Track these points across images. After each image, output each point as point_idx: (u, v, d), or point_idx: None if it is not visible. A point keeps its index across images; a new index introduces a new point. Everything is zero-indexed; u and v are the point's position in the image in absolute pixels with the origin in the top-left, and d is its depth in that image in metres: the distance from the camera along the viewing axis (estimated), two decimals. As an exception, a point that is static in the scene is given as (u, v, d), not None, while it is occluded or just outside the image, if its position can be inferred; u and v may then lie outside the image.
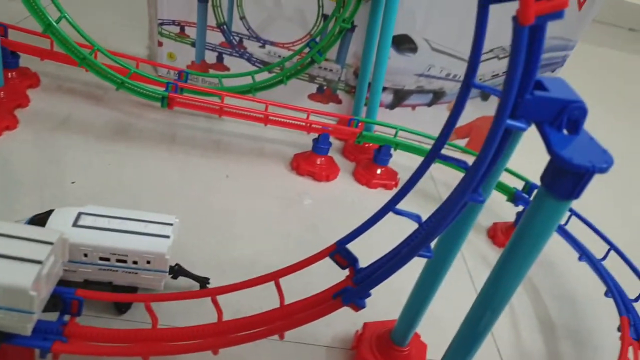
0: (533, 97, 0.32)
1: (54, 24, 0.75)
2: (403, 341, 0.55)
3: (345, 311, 0.45)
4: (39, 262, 0.38)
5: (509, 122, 0.32)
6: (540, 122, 0.33)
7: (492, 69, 0.99)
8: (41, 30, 0.76)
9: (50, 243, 0.40)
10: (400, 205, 0.45)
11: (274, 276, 0.47)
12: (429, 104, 1.07)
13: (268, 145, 0.99)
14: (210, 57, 1.09)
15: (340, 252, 0.45)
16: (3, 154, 0.77)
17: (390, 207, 0.42)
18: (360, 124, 0.93)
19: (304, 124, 0.89)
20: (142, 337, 0.45)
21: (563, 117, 0.32)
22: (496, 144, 0.33)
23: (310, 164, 0.91)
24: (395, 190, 0.94)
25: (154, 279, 0.54)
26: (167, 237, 0.54)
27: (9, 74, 0.89)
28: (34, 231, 0.41)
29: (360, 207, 0.88)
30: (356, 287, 0.42)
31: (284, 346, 0.58)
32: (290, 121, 0.88)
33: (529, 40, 0.29)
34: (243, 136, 0.99)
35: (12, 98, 0.87)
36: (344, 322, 0.62)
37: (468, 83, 0.36)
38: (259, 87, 0.98)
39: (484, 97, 1.03)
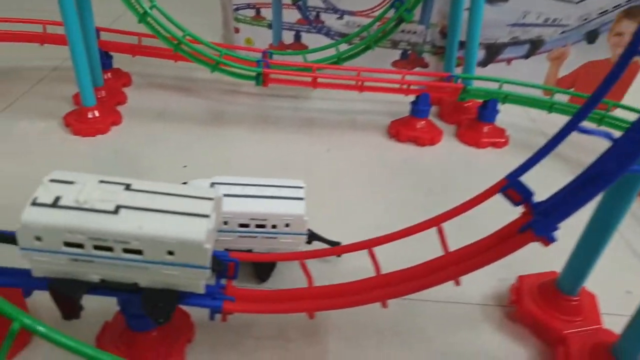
0: None
1: (149, 11, 0.75)
2: (573, 290, 0.49)
3: (488, 269, 0.40)
4: (206, 216, 0.37)
5: None
6: None
7: (599, 5, 0.91)
8: (137, 20, 0.76)
9: (211, 199, 0.38)
10: (515, 161, 0.41)
11: (436, 221, 0.43)
12: (526, 56, 1.00)
13: (359, 117, 0.95)
14: (288, 37, 1.07)
15: (513, 187, 0.40)
16: (114, 147, 0.78)
17: (573, 125, 0.37)
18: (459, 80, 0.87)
19: (401, 85, 0.85)
20: (305, 295, 0.42)
21: None
22: None
23: (410, 128, 0.87)
24: (505, 148, 0.88)
25: (293, 242, 0.52)
26: (302, 199, 0.52)
27: (106, 74, 0.91)
28: (192, 189, 0.39)
29: (473, 168, 0.82)
30: (546, 219, 0.37)
31: (434, 307, 0.54)
32: (387, 85, 0.84)
33: None
34: (332, 111, 0.96)
35: (112, 96, 0.88)
36: (490, 279, 0.58)
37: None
38: (345, 57, 0.94)
39: (590, 38, 0.95)
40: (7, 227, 0.41)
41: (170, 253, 0.36)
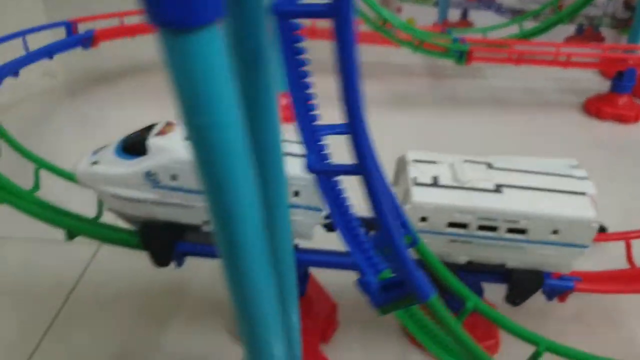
0: None
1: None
2: None
3: None
4: (583, 193, 0.35)
5: None
6: None
7: None
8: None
9: (586, 178, 0.37)
10: None
11: None
12: None
13: (547, 96, 0.91)
14: (453, 15, 1.04)
15: None
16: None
17: None
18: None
19: (601, 60, 0.80)
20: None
21: None
22: None
23: (612, 106, 0.82)
24: None
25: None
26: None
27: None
28: (552, 166, 0.38)
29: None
30: None
31: None
32: (597, 60, 0.79)
33: None
34: (515, 90, 0.93)
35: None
36: None
37: None
38: (530, 33, 0.90)
39: None
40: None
41: (555, 232, 0.35)
